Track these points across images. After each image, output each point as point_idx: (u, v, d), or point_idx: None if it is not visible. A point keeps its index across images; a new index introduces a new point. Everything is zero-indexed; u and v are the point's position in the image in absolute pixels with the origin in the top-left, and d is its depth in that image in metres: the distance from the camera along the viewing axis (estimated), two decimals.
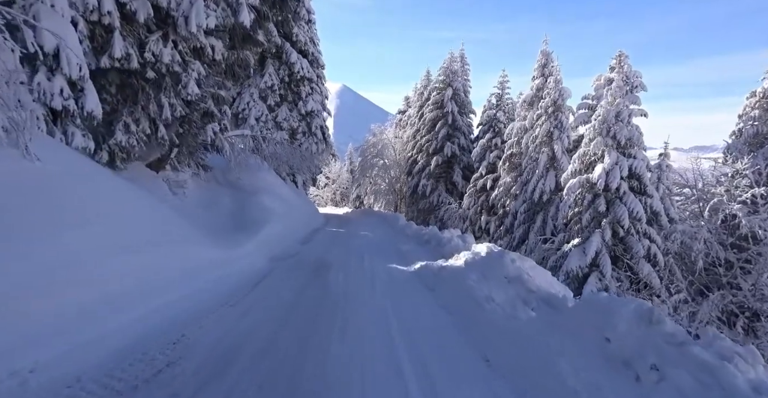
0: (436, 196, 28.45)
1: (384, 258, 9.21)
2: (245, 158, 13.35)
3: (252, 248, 8.00)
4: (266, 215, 10.83)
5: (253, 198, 11.78)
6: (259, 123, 17.49)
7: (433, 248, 10.12)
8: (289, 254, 9.19)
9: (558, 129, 15.84)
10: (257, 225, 9.55)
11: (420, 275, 7.23)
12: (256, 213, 10.54)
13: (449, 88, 27.80)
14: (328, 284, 6.26)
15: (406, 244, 11.59)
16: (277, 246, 9.66)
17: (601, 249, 12.34)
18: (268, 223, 10.26)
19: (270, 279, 6.36)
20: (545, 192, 15.82)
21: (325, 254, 9.37)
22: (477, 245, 7.62)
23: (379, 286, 6.40)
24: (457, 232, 11.11)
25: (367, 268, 7.89)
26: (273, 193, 13.82)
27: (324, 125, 23.57)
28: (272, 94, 17.85)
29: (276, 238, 10.33)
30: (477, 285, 5.21)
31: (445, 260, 8.16)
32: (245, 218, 9.89)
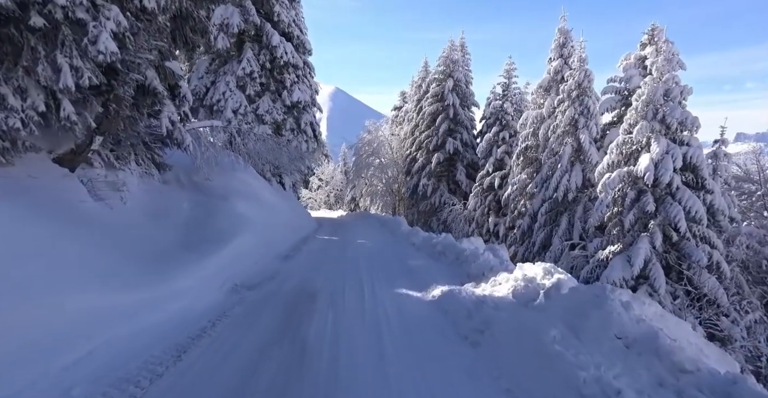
0: (437, 196, 26.22)
1: (389, 281, 6.92)
2: (216, 155, 11.02)
3: (206, 274, 5.68)
4: (237, 225, 8.52)
5: (222, 204, 9.45)
6: (238, 116, 15.20)
7: (452, 265, 7.83)
8: (263, 277, 6.87)
9: (584, 116, 13.63)
10: (222, 239, 7.24)
11: (447, 313, 4.93)
12: (224, 223, 8.22)
13: (449, 79, 25.59)
14: (307, 343, 3.93)
15: (415, 257, 9.29)
16: (248, 266, 7.36)
17: (650, 257, 10.10)
18: (238, 235, 7.96)
19: (213, 336, 3.99)
20: (570, 190, 13.60)
21: (310, 277, 7.06)
22: (525, 266, 5.34)
23: (389, 339, 4.08)
24: (479, 241, 8.87)
25: (368, 300, 5.58)
26: (251, 197, 11.50)
27: (315, 121, 21.30)
28: (252, 82, 15.53)
29: (249, 254, 8.03)
30: (564, 350, 2.93)
31: (476, 285, 5.89)
32: (207, 229, 7.57)
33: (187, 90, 9.43)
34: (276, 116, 16.32)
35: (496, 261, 6.58)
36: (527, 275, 4.85)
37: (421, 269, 7.89)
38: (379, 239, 13.57)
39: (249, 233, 8.85)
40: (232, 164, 12.55)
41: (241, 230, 8.51)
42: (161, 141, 9.86)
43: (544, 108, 15.56)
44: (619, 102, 14.41)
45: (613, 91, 14.56)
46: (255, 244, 8.89)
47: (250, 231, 9.04)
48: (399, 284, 6.72)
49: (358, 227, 18.17)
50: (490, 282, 5.59)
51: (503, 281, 5.38)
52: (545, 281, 4.65)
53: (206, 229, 7.56)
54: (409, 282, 6.88)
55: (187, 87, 9.44)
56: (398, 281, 6.89)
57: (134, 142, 7.57)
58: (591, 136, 13.52)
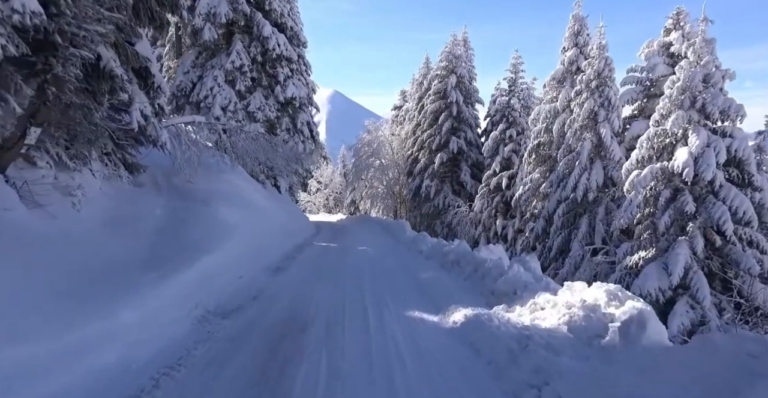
0: (441, 198, 25.03)
1: (398, 300, 5.71)
2: (199, 155, 9.83)
3: (167, 299, 4.47)
4: (219, 234, 7.32)
5: (202, 209, 8.25)
6: (227, 113, 14.02)
7: (471, 279, 6.62)
8: (245, 298, 5.66)
9: (604, 108, 12.44)
10: (197, 252, 6.02)
11: (479, 352, 3.70)
12: (202, 231, 7.01)
13: (452, 75, 24.45)
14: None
15: (425, 268, 8.08)
16: (228, 283, 6.14)
17: (690, 265, 8.90)
18: (218, 245, 6.75)
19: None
20: (591, 189, 12.40)
21: (303, 297, 5.85)
22: (575, 286, 4.14)
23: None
24: (498, 249, 7.69)
25: (374, 332, 4.36)
26: (239, 201, 10.30)
27: (312, 121, 20.16)
28: (242, 77, 14.36)
29: (231, 267, 6.83)
30: None
31: (508, 308, 4.69)
32: (180, 240, 6.36)
33: (162, 80, 8.28)
34: (269, 114, 15.13)
35: (529, 276, 5.37)
36: (586, 300, 3.64)
37: (434, 284, 6.68)
38: (381, 245, 12.36)
39: (233, 242, 7.65)
40: (218, 165, 11.37)
41: (223, 240, 7.31)
42: (134, 138, 8.71)
43: (558, 101, 14.39)
44: (641, 93, 13.26)
45: (634, 82, 13.41)
46: (240, 255, 7.70)
47: (235, 240, 7.85)
48: (410, 304, 5.51)
49: (359, 232, 16.96)
50: (528, 306, 4.38)
51: (547, 305, 4.18)
52: (613, 310, 3.45)
53: (179, 240, 6.35)
54: (422, 302, 5.67)
55: (162, 77, 8.29)
56: (409, 301, 5.68)
57: (92, 137, 6.36)
58: (612, 129, 12.33)
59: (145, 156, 8.93)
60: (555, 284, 4.72)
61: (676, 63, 12.72)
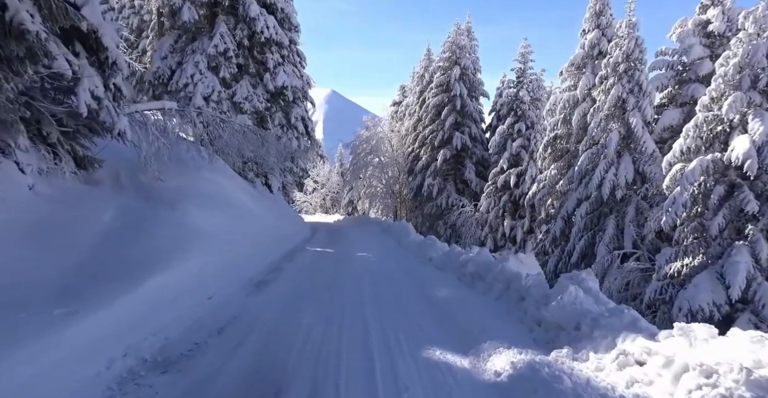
0: (444, 198, 23.59)
1: (413, 335, 4.27)
2: (170, 148, 8.36)
3: (79, 346, 3.02)
4: (183, 244, 5.87)
5: (167, 213, 6.78)
6: (210, 103, 12.54)
7: (503, 300, 5.18)
8: (205, 333, 4.18)
9: (634, 94, 11.01)
10: (143, 271, 4.56)
11: None
12: (159, 242, 5.56)
13: (456, 66, 23.00)
14: None
15: (439, 283, 6.63)
16: (185, 312, 4.69)
17: (754, 275, 7.49)
18: (180, 259, 5.31)
19: None
20: (619, 186, 10.97)
21: (284, 331, 4.39)
22: (698, 329, 2.69)
23: None
24: (530, 259, 6.46)
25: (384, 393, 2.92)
26: (218, 202, 8.85)
27: (307, 116, 18.70)
28: (226, 63, 12.87)
29: (196, 287, 5.40)
30: None
31: (575, 354, 3.26)
32: (125, 255, 4.89)
33: (119, 54, 6.78)
34: (257, 104, 13.65)
35: (590, 302, 3.93)
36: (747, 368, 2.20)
37: (455, 307, 5.23)
38: (383, 251, 10.92)
39: (203, 253, 6.21)
40: (196, 160, 9.91)
41: (189, 251, 5.85)
42: (87, 127, 7.25)
43: (578, 89, 12.97)
44: (672, 79, 11.85)
45: (664, 67, 12.00)
46: (213, 269, 6.26)
47: (207, 250, 6.41)
48: (430, 342, 4.06)
49: (358, 235, 15.51)
50: (615, 357, 2.93)
51: (647, 359, 2.74)
52: None
53: (123, 254, 4.88)
54: (446, 337, 4.23)
55: (120, 52, 6.81)
56: (428, 336, 4.23)
57: (10, 120, 4.89)
58: (644, 118, 10.90)
59: (103, 149, 7.48)
60: (642, 319, 3.29)
61: (714, 44, 11.33)
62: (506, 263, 5.95)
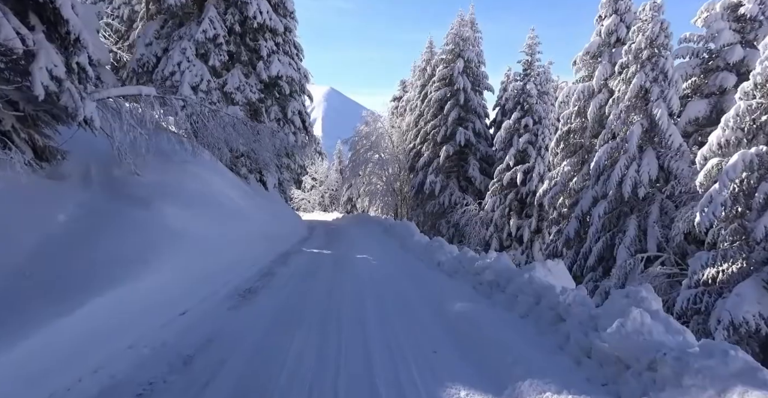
0: (447, 195, 22.73)
1: (429, 368, 3.40)
2: (147, 139, 7.44)
3: None
4: (151, 249, 5.00)
5: (138, 213, 5.89)
6: (198, 93, 11.61)
7: (533, 318, 4.31)
8: (160, 371, 3.28)
9: (659, 83, 10.13)
10: (94, 284, 3.68)
11: None
12: (119, 247, 4.67)
13: (459, 59, 22.10)
14: None
15: (453, 293, 5.75)
16: (143, 338, 3.81)
17: None
18: (144, 269, 4.43)
19: None
20: (641, 184, 10.10)
21: (271, 355, 3.53)
22: None
23: None
24: (559, 267, 5.45)
25: None
26: (202, 199, 7.97)
27: (304, 110, 17.83)
28: (216, 50, 11.95)
29: (165, 302, 4.53)
30: None
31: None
32: (74, 264, 4.01)
33: (83, 29, 5.92)
34: (250, 95, 12.74)
35: (659, 330, 3.05)
36: None
37: (475, 326, 4.35)
38: (385, 254, 10.04)
39: (180, 258, 5.34)
40: (181, 153, 9.01)
41: (161, 256, 4.98)
42: (50, 113, 6.39)
43: (594, 79, 12.08)
44: (698, 67, 10.98)
45: (689, 54, 11.13)
46: (191, 276, 5.39)
47: (184, 255, 5.54)
48: (448, 372, 3.22)
49: (357, 235, 14.62)
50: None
51: None
52: None
53: (73, 262, 3.99)
54: (466, 366, 3.38)
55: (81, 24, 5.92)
56: (444, 364, 3.38)
57: None
58: (669, 110, 10.02)
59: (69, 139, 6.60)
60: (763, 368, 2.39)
61: (745, 28, 10.46)
62: (533, 272, 5.07)
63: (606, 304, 3.59)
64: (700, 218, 7.81)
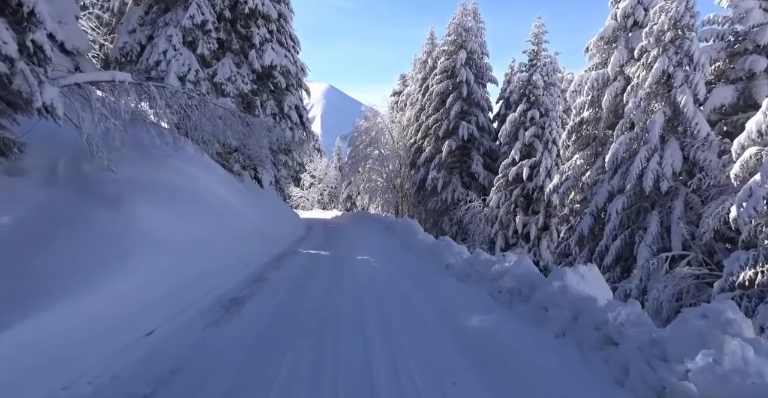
0: (450, 192, 21.94)
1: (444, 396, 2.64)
2: (122, 130, 6.65)
3: None
4: (113, 256, 4.24)
5: (106, 213, 5.13)
6: (186, 84, 10.83)
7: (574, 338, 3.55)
8: None
9: (682, 68, 9.36)
10: (28, 303, 2.91)
11: None
12: (74, 254, 3.91)
13: (462, 50, 21.29)
14: None
15: (469, 303, 4.99)
16: (89, 371, 3.02)
17: None
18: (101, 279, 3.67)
19: None
20: (664, 177, 9.33)
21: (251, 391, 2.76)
22: None
23: None
24: (592, 272, 4.76)
25: None
26: (182, 198, 7.20)
27: (301, 105, 17.07)
28: (205, 37, 11.16)
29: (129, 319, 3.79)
30: None
31: None
32: (9, 276, 3.24)
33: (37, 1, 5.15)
34: (242, 86, 11.95)
35: (765, 365, 2.33)
36: None
37: (499, 346, 3.59)
38: (388, 254, 9.28)
39: (149, 265, 4.59)
40: (163, 147, 8.23)
41: (126, 263, 4.23)
42: (5, 100, 5.66)
43: (609, 66, 11.29)
44: (723, 51, 10.18)
45: (713, 37, 10.33)
46: (165, 285, 4.66)
47: (157, 261, 4.79)
48: None
49: (357, 234, 13.87)
50: None
51: None
52: None
53: (6, 274, 3.23)
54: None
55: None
56: None
57: None
58: (695, 97, 9.24)
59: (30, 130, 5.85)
60: None
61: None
62: (564, 278, 4.30)
63: (675, 325, 2.82)
64: (737, 213, 7.04)
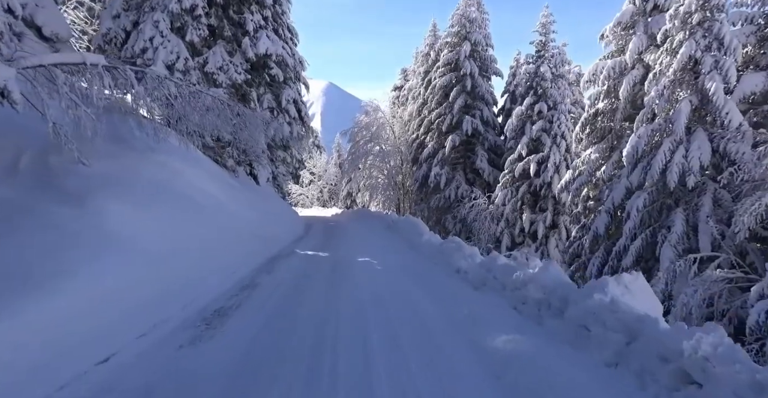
0: (453, 189, 21.20)
1: None
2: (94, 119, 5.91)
3: None
4: (62, 265, 3.51)
5: (65, 211, 4.41)
6: (175, 73, 10.10)
7: (623, 366, 2.84)
8: None
9: (711, 53, 8.62)
10: None
11: None
12: (10, 264, 3.17)
13: (466, 42, 20.50)
14: None
15: (489, 317, 4.27)
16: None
17: None
18: (45, 293, 2.93)
19: None
20: (691, 171, 8.60)
21: None
22: None
23: None
24: (637, 282, 4.08)
25: None
26: (164, 195, 6.50)
27: (300, 99, 16.36)
28: (194, 23, 10.41)
29: (78, 344, 3.03)
30: None
31: None
32: None
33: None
34: (234, 76, 11.20)
35: None
36: None
37: (545, 386, 2.87)
38: (392, 256, 8.55)
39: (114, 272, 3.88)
40: (145, 139, 7.51)
41: (81, 271, 3.51)
42: None
43: (627, 53, 10.53)
44: (753, 35, 9.44)
45: (741, 20, 9.59)
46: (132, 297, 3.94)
47: (123, 267, 4.07)
48: None
49: (358, 233, 13.16)
50: None
51: None
52: None
53: None
54: None
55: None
56: None
57: None
58: (725, 84, 8.49)
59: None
60: None
61: None
62: (607, 290, 3.58)
63: None
64: None
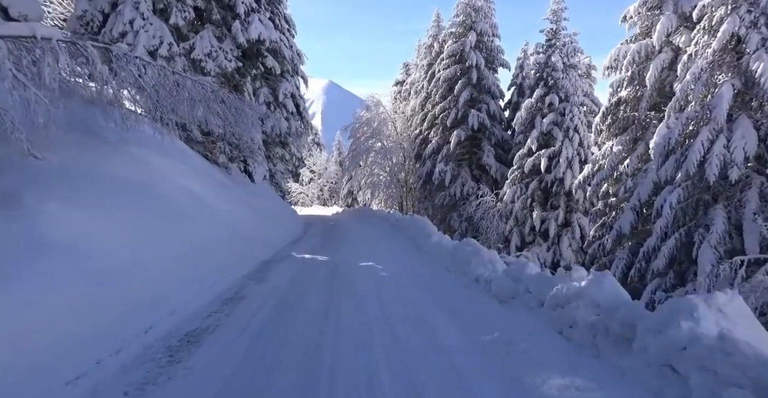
0: (458, 186, 20.22)
1: None
2: (49, 104, 4.96)
3: None
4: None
5: None
6: (158, 60, 9.14)
7: None
8: None
9: (757, 29, 7.66)
10: None
11: None
12: None
13: (471, 32, 19.51)
14: None
15: (532, 349, 3.34)
16: None
17: None
18: None
19: None
20: (733, 162, 7.65)
21: None
22: None
23: None
24: (734, 307, 3.06)
25: None
26: (133, 193, 5.57)
27: (298, 94, 15.46)
28: (180, 5, 9.47)
29: None
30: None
31: None
32: None
33: None
34: (224, 63, 10.26)
35: None
36: None
37: None
38: (398, 261, 7.62)
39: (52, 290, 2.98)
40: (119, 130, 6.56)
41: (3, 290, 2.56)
42: None
43: (655, 36, 9.57)
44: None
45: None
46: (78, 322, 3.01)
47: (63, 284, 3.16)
48: None
49: (359, 234, 12.24)
50: None
51: None
52: None
53: None
54: None
55: None
56: None
57: None
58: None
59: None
60: None
61: None
62: (696, 316, 2.66)
63: None
64: None
